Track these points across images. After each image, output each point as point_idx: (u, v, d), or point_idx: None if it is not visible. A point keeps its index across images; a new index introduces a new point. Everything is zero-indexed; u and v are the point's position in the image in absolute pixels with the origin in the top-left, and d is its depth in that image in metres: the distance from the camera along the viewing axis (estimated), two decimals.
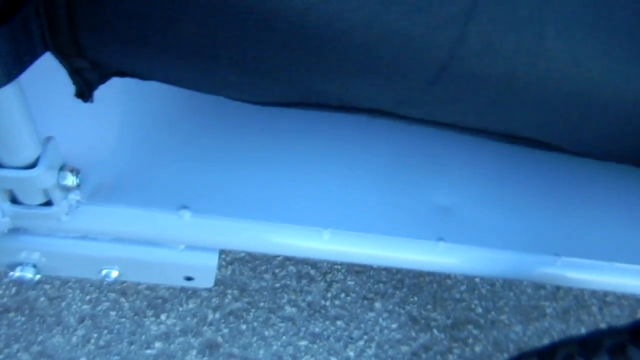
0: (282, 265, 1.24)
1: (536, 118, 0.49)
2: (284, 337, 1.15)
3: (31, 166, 0.48)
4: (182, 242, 0.61)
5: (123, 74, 0.48)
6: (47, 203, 0.54)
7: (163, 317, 1.12)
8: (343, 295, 1.23)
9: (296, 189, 0.62)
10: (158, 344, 1.09)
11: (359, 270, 1.28)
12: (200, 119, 0.64)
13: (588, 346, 0.52)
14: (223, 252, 1.17)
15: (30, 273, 0.62)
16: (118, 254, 0.62)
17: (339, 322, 1.19)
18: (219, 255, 0.64)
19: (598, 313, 1.39)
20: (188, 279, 0.67)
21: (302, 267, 1.25)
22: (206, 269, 0.64)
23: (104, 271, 0.64)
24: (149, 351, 1.08)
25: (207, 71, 0.43)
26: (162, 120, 0.63)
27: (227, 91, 0.51)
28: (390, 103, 0.48)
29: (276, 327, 1.16)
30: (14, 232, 0.58)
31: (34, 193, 0.51)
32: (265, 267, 1.22)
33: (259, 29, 0.38)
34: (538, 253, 0.66)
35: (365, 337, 1.19)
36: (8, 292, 1.09)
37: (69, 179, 0.52)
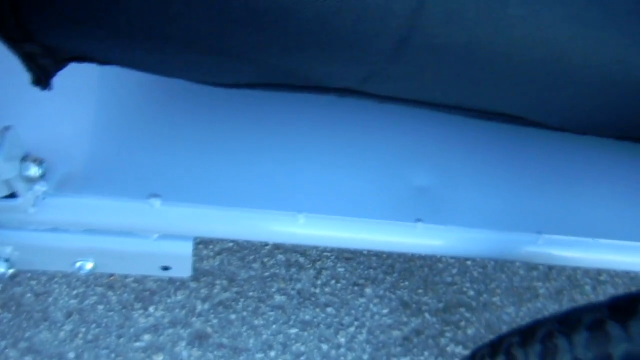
0: (271, 254, 1.23)
1: (504, 91, 0.47)
2: (274, 326, 1.14)
3: None
4: (154, 231, 0.61)
5: (80, 59, 0.47)
6: (12, 195, 0.53)
7: (151, 309, 1.11)
8: (333, 282, 1.23)
9: (269, 174, 0.61)
10: (147, 336, 1.08)
11: (349, 256, 1.27)
12: (169, 106, 0.63)
13: (567, 323, 0.52)
14: (210, 243, 1.16)
15: (2, 267, 0.61)
16: (91, 245, 0.61)
17: (329, 309, 1.19)
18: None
19: (591, 292, 1.39)
20: (165, 269, 0.66)
21: (291, 255, 1.24)
22: (181, 258, 0.64)
23: (78, 263, 0.63)
24: (138, 344, 1.07)
25: (160, 52, 0.42)
26: (130, 107, 0.62)
27: (185, 73, 0.49)
28: (355, 80, 0.47)
29: (266, 316, 1.15)
30: None
31: None
32: (253, 257, 1.21)
33: (209, 7, 0.36)
34: (520, 231, 0.65)
35: (356, 323, 1.18)
36: None
37: (32, 170, 0.51)
